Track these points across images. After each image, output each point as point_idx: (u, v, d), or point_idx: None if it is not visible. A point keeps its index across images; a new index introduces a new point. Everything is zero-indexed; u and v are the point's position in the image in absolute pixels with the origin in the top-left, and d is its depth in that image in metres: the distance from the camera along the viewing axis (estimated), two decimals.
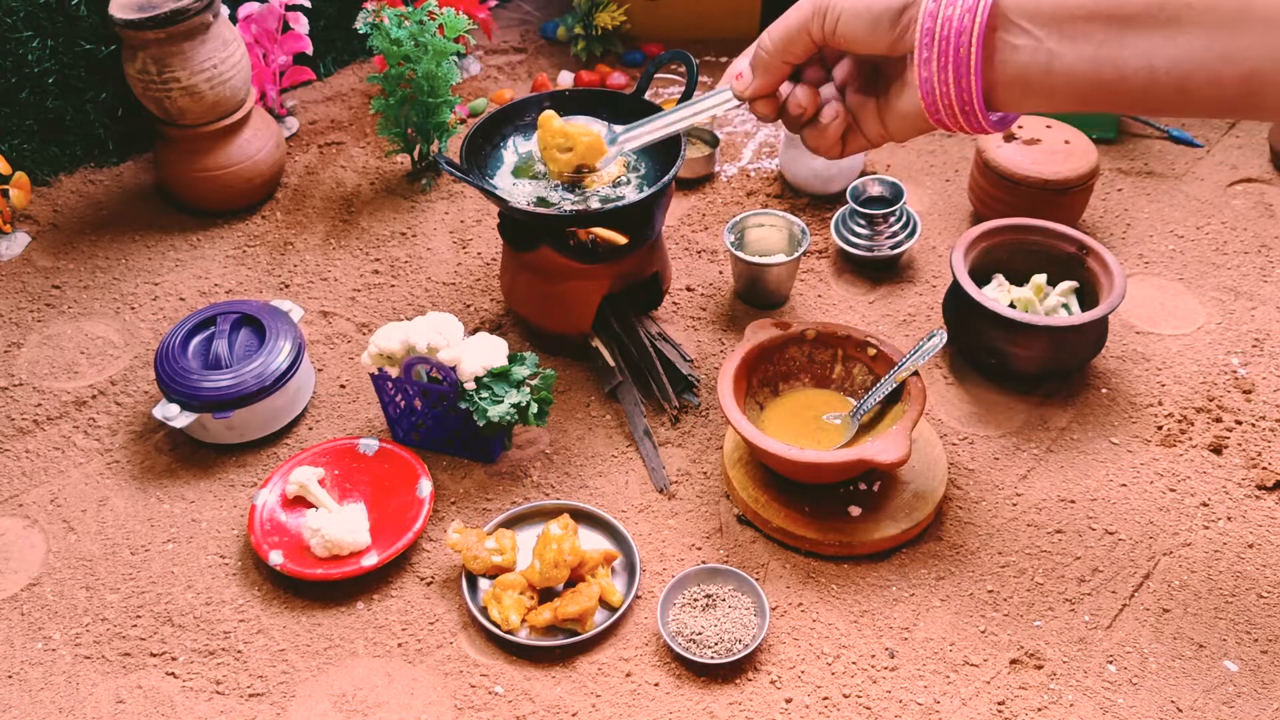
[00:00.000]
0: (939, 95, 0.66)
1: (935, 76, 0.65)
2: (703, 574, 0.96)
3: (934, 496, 1.01)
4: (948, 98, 0.66)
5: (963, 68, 0.64)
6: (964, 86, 0.65)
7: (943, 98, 0.66)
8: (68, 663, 0.93)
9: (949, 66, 0.65)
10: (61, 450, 1.12)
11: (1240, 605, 0.95)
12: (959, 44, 0.64)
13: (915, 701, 0.88)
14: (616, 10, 1.66)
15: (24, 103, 1.39)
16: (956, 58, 0.64)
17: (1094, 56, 0.61)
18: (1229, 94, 0.59)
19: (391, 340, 1.04)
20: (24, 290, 1.31)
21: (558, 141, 0.98)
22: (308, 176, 1.48)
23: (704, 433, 1.11)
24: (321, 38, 1.62)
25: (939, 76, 0.65)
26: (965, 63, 0.64)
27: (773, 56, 0.74)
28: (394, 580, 0.99)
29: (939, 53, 0.64)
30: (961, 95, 0.65)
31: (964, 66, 0.64)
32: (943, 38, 0.64)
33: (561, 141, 0.98)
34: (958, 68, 0.64)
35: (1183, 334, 1.21)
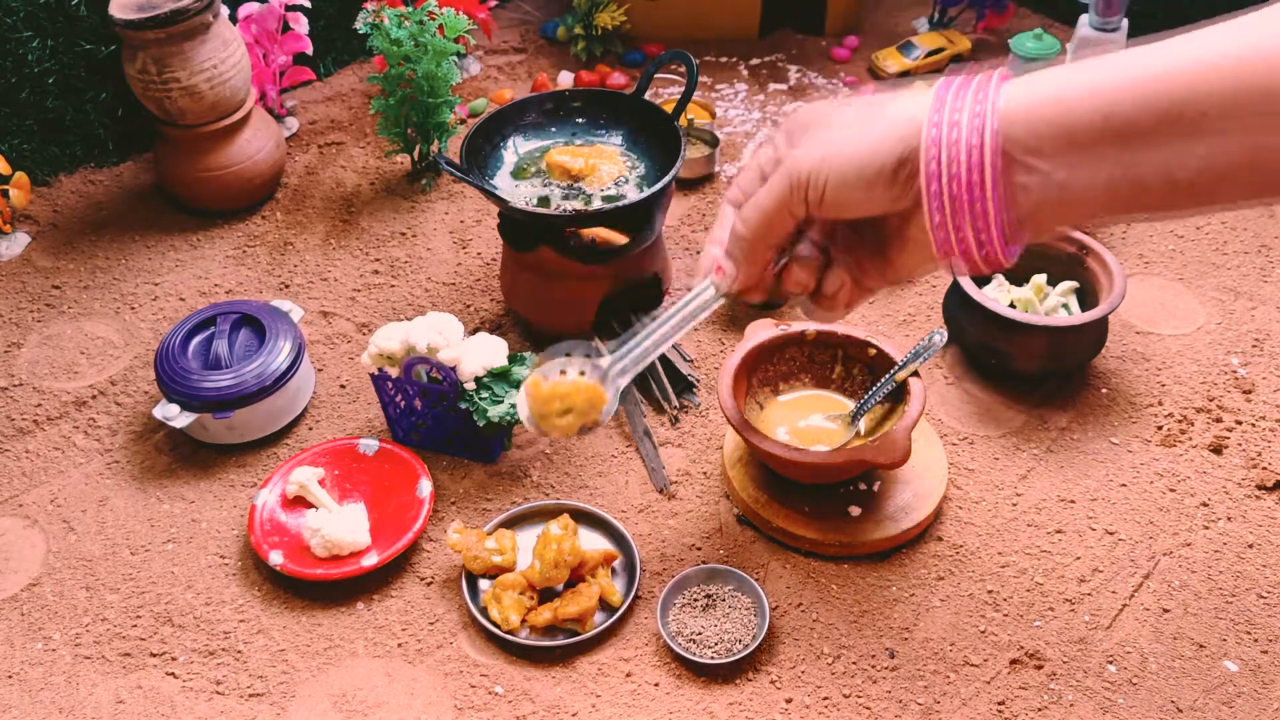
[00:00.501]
0: (957, 248, 0.61)
1: (952, 236, 0.60)
2: (703, 574, 0.96)
3: (934, 496, 1.01)
4: (966, 249, 0.60)
5: (980, 221, 0.59)
6: (984, 240, 0.60)
7: (961, 250, 0.61)
8: (68, 663, 0.93)
9: (966, 226, 0.59)
10: (61, 450, 1.12)
11: (1240, 605, 0.95)
12: (973, 199, 0.58)
13: (915, 701, 0.88)
14: (616, 10, 1.66)
15: (24, 103, 1.39)
16: (973, 213, 0.58)
17: (1108, 178, 0.56)
18: (1257, 190, 0.55)
19: (391, 340, 1.04)
20: (24, 290, 1.31)
21: (553, 407, 0.83)
22: (308, 176, 1.48)
23: (704, 433, 1.11)
24: (321, 38, 1.62)
25: (955, 236, 0.60)
26: (984, 216, 0.59)
27: (753, 244, 0.66)
28: (394, 580, 0.99)
29: (953, 212, 0.59)
30: (981, 247, 0.60)
31: (982, 220, 0.59)
32: (953, 196, 0.58)
33: (557, 406, 0.83)
34: (975, 222, 0.59)
35: (1183, 334, 1.21)
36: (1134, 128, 0.54)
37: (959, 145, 0.57)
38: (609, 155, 1.18)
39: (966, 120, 0.57)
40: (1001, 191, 0.58)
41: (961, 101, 0.58)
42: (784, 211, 0.64)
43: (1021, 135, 0.56)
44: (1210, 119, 0.52)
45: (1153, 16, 1.62)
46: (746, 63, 1.70)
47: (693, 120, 1.47)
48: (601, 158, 1.17)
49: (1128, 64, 0.55)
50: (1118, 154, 0.55)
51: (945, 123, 0.58)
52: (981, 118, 0.57)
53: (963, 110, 0.58)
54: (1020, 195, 0.58)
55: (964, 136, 0.57)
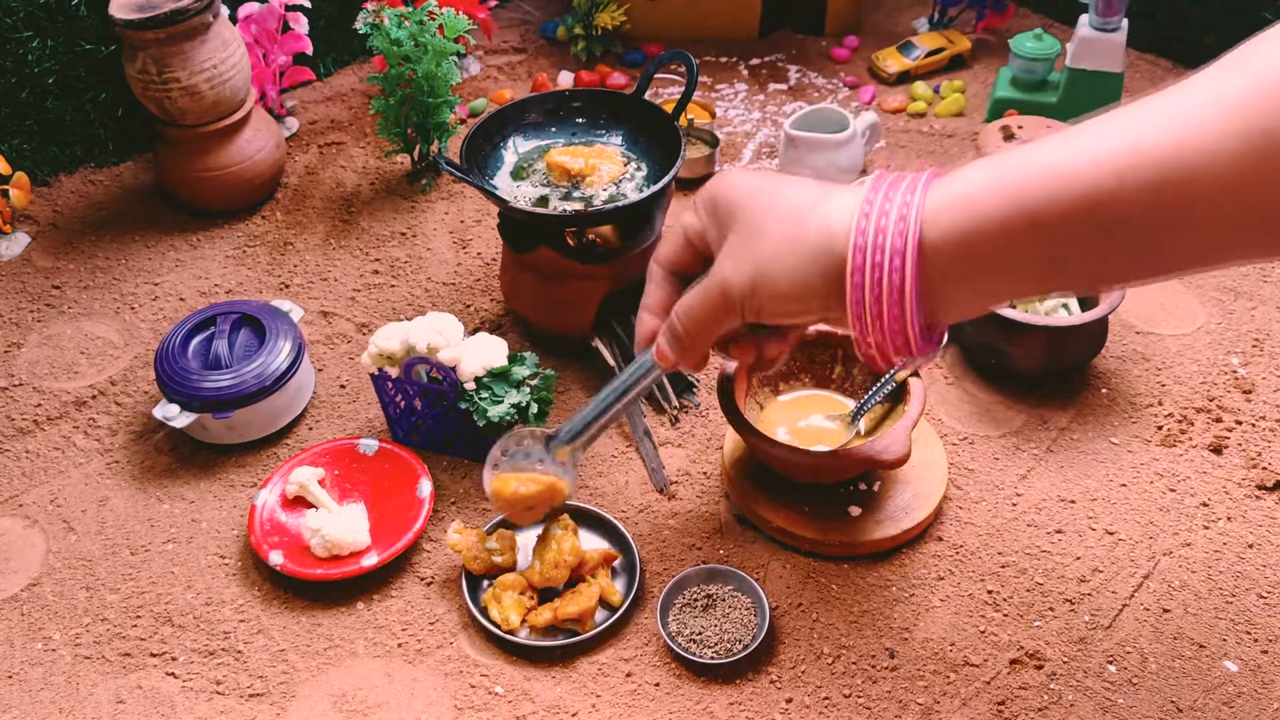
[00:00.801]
0: (878, 356, 0.62)
1: (873, 347, 0.62)
2: (703, 574, 0.96)
3: (934, 496, 1.01)
4: (885, 355, 0.62)
5: (897, 334, 0.60)
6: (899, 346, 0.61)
7: (881, 356, 0.62)
8: (68, 663, 0.93)
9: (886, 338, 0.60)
10: (61, 450, 1.12)
11: (1240, 605, 0.95)
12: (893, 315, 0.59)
13: (915, 701, 0.88)
14: (616, 10, 1.66)
15: (24, 103, 1.39)
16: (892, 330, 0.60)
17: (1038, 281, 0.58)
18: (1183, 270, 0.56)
19: (391, 340, 1.04)
20: (24, 290, 1.31)
21: (520, 506, 0.89)
22: (308, 176, 1.48)
23: (704, 433, 1.11)
24: (321, 38, 1.62)
25: (876, 346, 0.61)
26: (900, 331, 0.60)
27: (692, 343, 0.69)
28: (394, 580, 0.99)
29: (874, 328, 0.60)
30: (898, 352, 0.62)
31: (898, 331, 0.60)
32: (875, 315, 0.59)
33: (522, 505, 0.89)
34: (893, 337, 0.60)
35: (1183, 334, 1.21)
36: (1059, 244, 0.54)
37: (881, 269, 0.58)
38: (609, 155, 1.18)
39: (889, 242, 0.57)
40: (922, 304, 0.58)
41: (886, 221, 0.58)
42: (720, 321, 0.67)
43: (943, 263, 0.57)
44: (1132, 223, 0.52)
45: (1153, 16, 1.63)
46: (746, 63, 1.70)
47: (693, 120, 1.47)
48: (601, 158, 1.17)
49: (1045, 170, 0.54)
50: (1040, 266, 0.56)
51: (869, 245, 0.58)
52: (904, 238, 0.57)
53: (886, 230, 0.58)
54: (940, 304, 0.59)
55: (886, 261, 0.58)
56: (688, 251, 0.70)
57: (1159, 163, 0.51)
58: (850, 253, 0.59)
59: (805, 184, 0.64)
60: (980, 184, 0.56)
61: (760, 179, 0.65)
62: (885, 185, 0.59)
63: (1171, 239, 0.53)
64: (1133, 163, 0.51)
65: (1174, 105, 0.52)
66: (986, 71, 1.66)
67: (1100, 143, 0.53)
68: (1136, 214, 0.52)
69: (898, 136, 1.53)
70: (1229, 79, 0.51)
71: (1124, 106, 0.54)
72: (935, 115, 1.57)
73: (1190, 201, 0.51)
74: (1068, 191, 0.53)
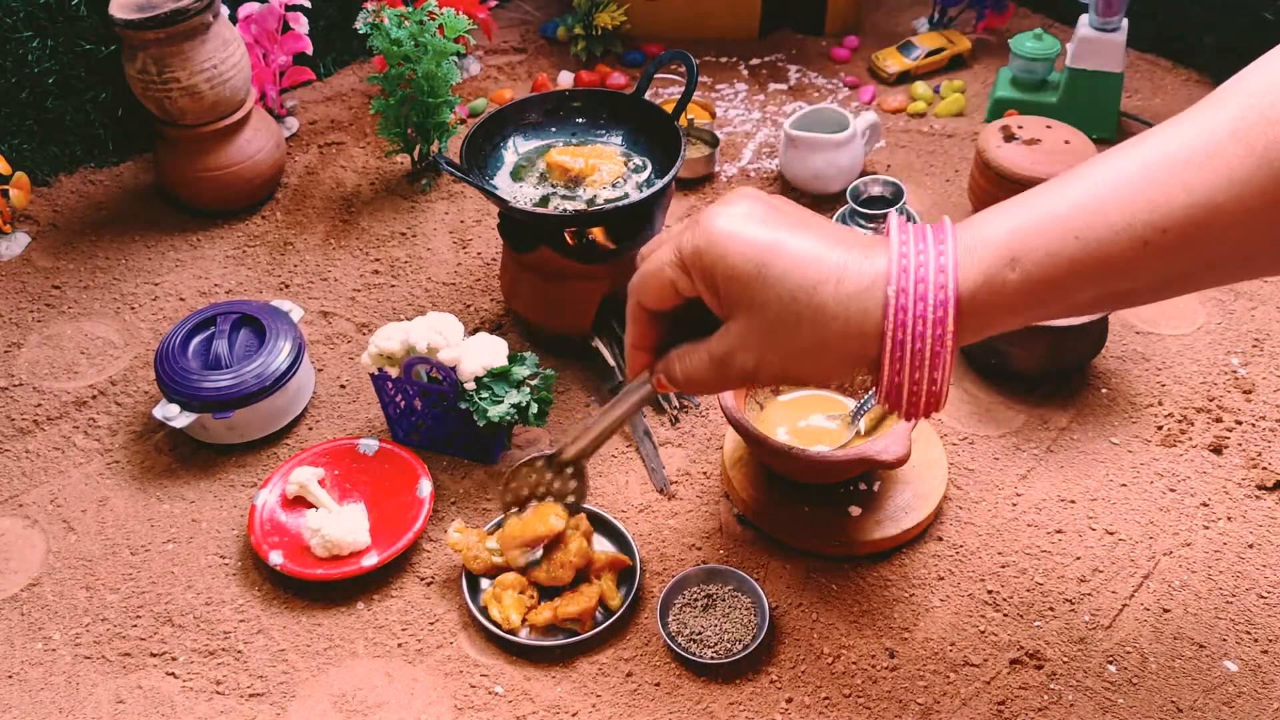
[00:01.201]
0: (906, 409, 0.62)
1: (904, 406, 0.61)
2: (703, 574, 0.96)
3: (934, 496, 1.01)
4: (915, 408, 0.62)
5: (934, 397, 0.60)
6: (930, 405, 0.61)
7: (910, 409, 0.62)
8: (68, 663, 0.93)
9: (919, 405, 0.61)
10: (61, 450, 1.12)
11: (1240, 605, 0.95)
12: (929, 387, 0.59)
13: (915, 701, 0.88)
14: (616, 10, 1.66)
15: (24, 103, 1.39)
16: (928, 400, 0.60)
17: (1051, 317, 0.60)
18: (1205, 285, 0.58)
19: (391, 340, 1.04)
20: (24, 290, 1.31)
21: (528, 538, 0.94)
22: (308, 176, 1.48)
23: (704, 433, 1.11)
24: (321, 38, 1.62)
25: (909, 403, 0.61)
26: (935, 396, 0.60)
27: (697, 392, 0.71)
28: (394, 580, 0.99)
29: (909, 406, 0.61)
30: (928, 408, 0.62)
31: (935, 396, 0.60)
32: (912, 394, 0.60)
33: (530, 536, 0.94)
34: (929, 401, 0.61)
35: (1183, 334, 1.21)
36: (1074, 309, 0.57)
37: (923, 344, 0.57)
38: (609, 155, 1.18)
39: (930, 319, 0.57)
40: (951, 363, 0.59)
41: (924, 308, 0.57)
42: (730, 389, 0.68)
43: (972, 323, 0.58)
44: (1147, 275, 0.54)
45: (1153, 16, 1.63)
46: (746, 63, 1.70)
47: (693, 120, 1.47)
48: (601, 158, 1.17)
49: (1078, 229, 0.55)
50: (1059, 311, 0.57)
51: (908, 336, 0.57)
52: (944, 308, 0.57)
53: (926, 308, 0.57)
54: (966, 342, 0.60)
55: (928, 339, 0.57)
56: (673, 298, 0.67)
57: (1180, 225, 0.52)
58: (890, 332, 0.58)
59: (810, 242, 0.60)
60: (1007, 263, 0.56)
61: (756, 235, 0.61)
62: (912, 249, 0.58)
63: (1186, 284, 0.56)
64: (1154, 227, 0.53)
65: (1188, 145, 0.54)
66: (986, 71, 1.66)
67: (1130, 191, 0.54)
68: (1155, 273, 0.54)
69: (898, 136, 1.53)
70: (1229, 110, 0.53)
71: (1144, 138, 0.56)
72: (935, 115, 1.57)
73: (1209, 256, 0.53)
74: (1091, 263, 0.54)
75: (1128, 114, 1.50)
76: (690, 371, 0.66)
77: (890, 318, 0.57)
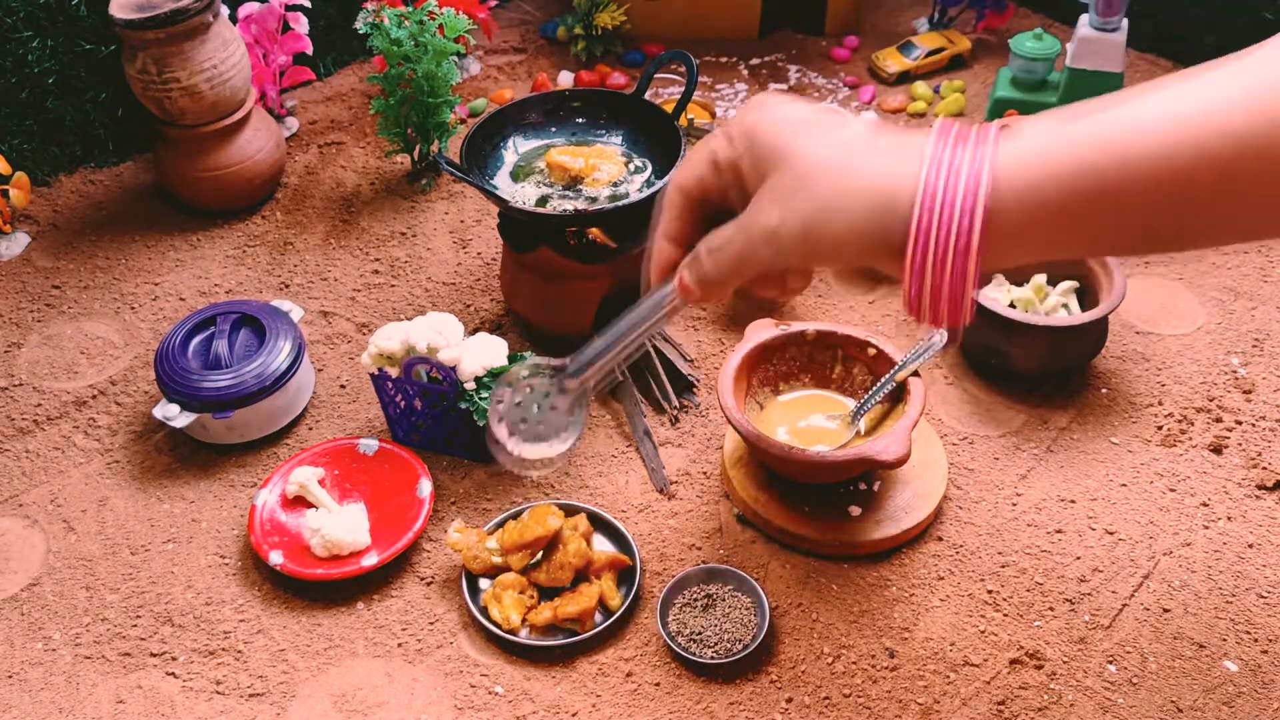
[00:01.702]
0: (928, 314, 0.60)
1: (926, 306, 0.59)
2: (703, 574, 0.96)
3: (934, 496, 1.01)
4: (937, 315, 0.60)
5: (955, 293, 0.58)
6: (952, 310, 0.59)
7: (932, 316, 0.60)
8: (68, 663, 0.93)
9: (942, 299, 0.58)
10: (61, 450, 1.12)
11: (1240, 605, 0.95)
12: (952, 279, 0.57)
13: (915, 701, 0.88)
14: (616, 10, 1.66)
15: (24, 103, 1.39)
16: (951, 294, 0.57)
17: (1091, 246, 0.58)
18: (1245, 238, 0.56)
19: (391, 340, 1.04)
20: (24, 290, 1.31)
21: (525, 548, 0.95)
22: (308, 176, 1.48)
23: (704, 433, 1.11)
24: (321, 38, 1.62)
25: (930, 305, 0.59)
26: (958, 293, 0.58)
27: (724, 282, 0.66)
28: (394, 580, 0.99)
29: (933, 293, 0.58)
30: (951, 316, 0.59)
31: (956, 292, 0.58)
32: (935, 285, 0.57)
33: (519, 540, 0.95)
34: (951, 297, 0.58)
35: (1183, 334, 1.21)
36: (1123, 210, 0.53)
37: (948, 231, 0.56)
38: (609, 155, 1.18)
39: (959, 203, 0.55)
40: (981, 264, 0.56)
41: (955, 181, 0.55)
42: (757, 265, 0.63)
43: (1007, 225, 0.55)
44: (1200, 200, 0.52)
45: (1153, 16, 1.63)
46: (746, 63, 1.70)
47: (693, 120, 1.47)
48: (601, 158, 1.17)
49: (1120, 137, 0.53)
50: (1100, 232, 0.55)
51: (937, 205, 0.55)
52: (974, 197, 0.55)
53: (956, 190, 0.55)
54: (993, 260, 0.57)
55: (955, 223, 0.55)
56: (713, 178, 0.64)
57: (1237, 135, 0.50)
58: (916, 212, 0.56)
59: (852, 122, 0.60)
60: (1052, 148, 0.54)
61: (802, 112, 0.61)
62: (952, 138, 0.57)
63: (1237, 212, 0.53)
64: (1211, 133, 0.51)
65: (1242, 77, 0.52)
66: (986, 71, 1.66)
67: (1174, 111, 0.52)
68: (1209, 187, 0.52)
69: None
70: None
71: (1181, 75, 0.54)
72: (935, 115, 1.57)
73: (1262, 176, 0.51)
74: (1144, 161, 0.52)
75: None
76: (713, 242, 0.63)
77: (919, 203, 0.56)
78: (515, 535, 0.95)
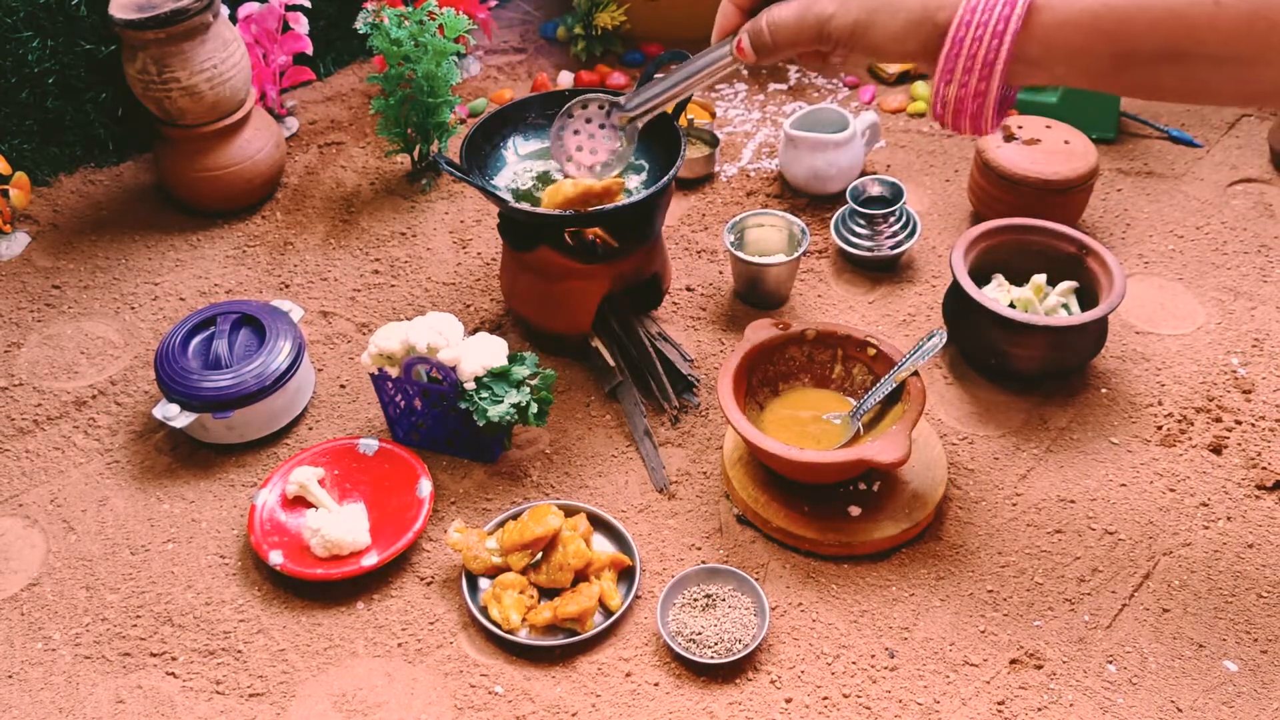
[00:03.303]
0: (951, 109, 0.68)
1: (950, 108, 0.68)
2: (703, 574, 0.96)
3: (934, 496, 1.01)
4: (960, 116, 0.68)
5: (979, 99, 0.66)
6: (976, 117, 0.68)
7: (954, 116, 0.68)
8: (68, 663, 0.93)
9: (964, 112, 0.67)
10: (61, 450, 1.12)
11: (1240, 605, 0.95)
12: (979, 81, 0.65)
13: (915, 701, 0.88)
14: (616, 10, 1.66)
15: (24, 103, 1.39)
16: (974, 98, 0.66)
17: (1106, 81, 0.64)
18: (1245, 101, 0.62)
19: (391, 340, 1.04)
20: (24, 290, 1.31)
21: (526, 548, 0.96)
22: (308, 176, 1.48)
23: (704, 433, 1.11)
24: (321, 38, 1.62)
25: (955, 103, 0.67)
26: (982, 96, 0.66)
27: (777, 51, 0.75)
28: (394, 580, 0.99)
29: (960, 89, 0.66)
30: (975, 119, 0.68)
31: (980, 98, 0.66)
32: (963, 90, 0.66)
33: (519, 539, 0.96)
34: (975, 100, 0.67)
35: (1182, 334, 1.21)
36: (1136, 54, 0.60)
37: (980, 44, 0.64)
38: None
39: (993, 23, 0.63)
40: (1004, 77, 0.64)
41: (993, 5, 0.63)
42: (807, 44, 0.71)
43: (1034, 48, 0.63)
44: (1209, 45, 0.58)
45: None
46: None
47: (693, 120, 1.47)
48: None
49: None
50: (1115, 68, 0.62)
51: (974, 22, 0.64)
52: (1007, 21, 0.63)
53: (993, 11, 0.63)
54: (1014, 79, 0.65)
55: (986, 38, 0.63)
56: None
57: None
58: (954, 26, 0.64)
59: None
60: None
61: None
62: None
63: (1243, 72, 0.58)
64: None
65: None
66: None
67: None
68: (1218, 42, 0.57)
69: (898, 136, 1.53)
70: None
71: None
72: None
73: (1271, 44, 0.56)
74: (1164, 5, 0.58)
75: (1128, 114, 1.50)
76: (775, 17, 0.72)
77: (958, 20, 0.64)
78: (515, 535, 0.95)
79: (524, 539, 0.94)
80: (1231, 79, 0.59)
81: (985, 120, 0.67)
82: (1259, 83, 0.58)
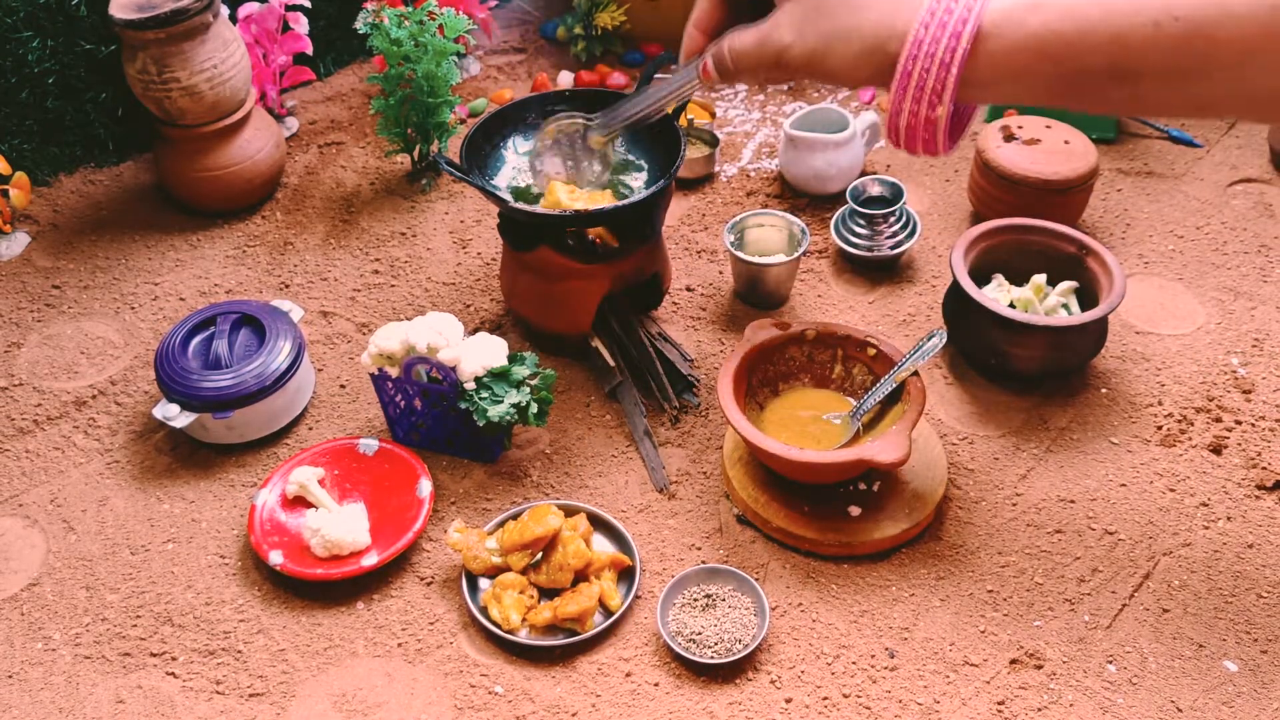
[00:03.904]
0: (903, 133, 0.70)
1: (903, 121, 0.69)
2: (703, 574, 0.96)
3: (934, 496, 1.01)
4: (913, 137, 0.69)
5: (929, 134, 0.68)
6: (928, 139, 0.69)
7: (907, 136, 0.70)
8: (68, 663, 0.93)
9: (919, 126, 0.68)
10: (61, 450, 1.12)
11: (1240, 605, 0.95)
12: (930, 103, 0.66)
13: (915, 701, 0.88)
14: (616, 10, 1.66)
15: (24, 103, 1.39)
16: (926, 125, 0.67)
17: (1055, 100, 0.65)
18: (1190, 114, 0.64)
19: (391, 340, 1.04)
20: (24, 290, 1.31)
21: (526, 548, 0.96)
22: (308, 176, 1.48)
23: (704, 433, 1.11)
24: (321, 38, 1.62)
25: (907, 123, 0.69)
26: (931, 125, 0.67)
27: (738, 77, 0.76)
28: (394, 580, 0.99)
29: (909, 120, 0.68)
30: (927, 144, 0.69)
31: (930, 124, 0.67)
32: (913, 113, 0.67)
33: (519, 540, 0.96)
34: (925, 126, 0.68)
35: (1182, 334, 1.21)
36: (1082, 75, 0.62)
37: (928, 75, 0.65)
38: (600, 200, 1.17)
39: (940, 53, 0.64)
40: (952, 99, 0.65)
41: (941, 34, 0.64)
42: (766, 72, 0.73)
43: (981, 73, 0.64)
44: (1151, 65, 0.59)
45: None
46: None
47: (693, 120, 1.47)
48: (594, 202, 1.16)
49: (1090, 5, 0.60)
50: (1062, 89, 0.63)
51: (921, 53, 0.65)
52: (952, 54, 0.64)
53: (940, 41, 0.64)
54: (968, 98, 0.66)
55: (934, 69, 0.65)
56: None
57: (1192, 16, 0.57)
58: (906, 50, 0.65)
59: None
60: (1026, 13, 0.62)
61: None
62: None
63: (1186, 87, 0.59)
64: (1169, 12, 0.57)
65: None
66: None
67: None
68: (1160, 60, 0.58)
69: None
70: None
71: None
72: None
73: (1210, 59, 0.57)
74: (1106, 28, 0.59)
75: None
76: (736, 44, 0.74)
77: (909, 44, 0.64)
78: (515, 535, 0.95)
79: (524, 539, 0.94)
80: (1177, 93, 0.60)
81: (937, 143, 0.68)
82: (1204, 96, 0.60)
